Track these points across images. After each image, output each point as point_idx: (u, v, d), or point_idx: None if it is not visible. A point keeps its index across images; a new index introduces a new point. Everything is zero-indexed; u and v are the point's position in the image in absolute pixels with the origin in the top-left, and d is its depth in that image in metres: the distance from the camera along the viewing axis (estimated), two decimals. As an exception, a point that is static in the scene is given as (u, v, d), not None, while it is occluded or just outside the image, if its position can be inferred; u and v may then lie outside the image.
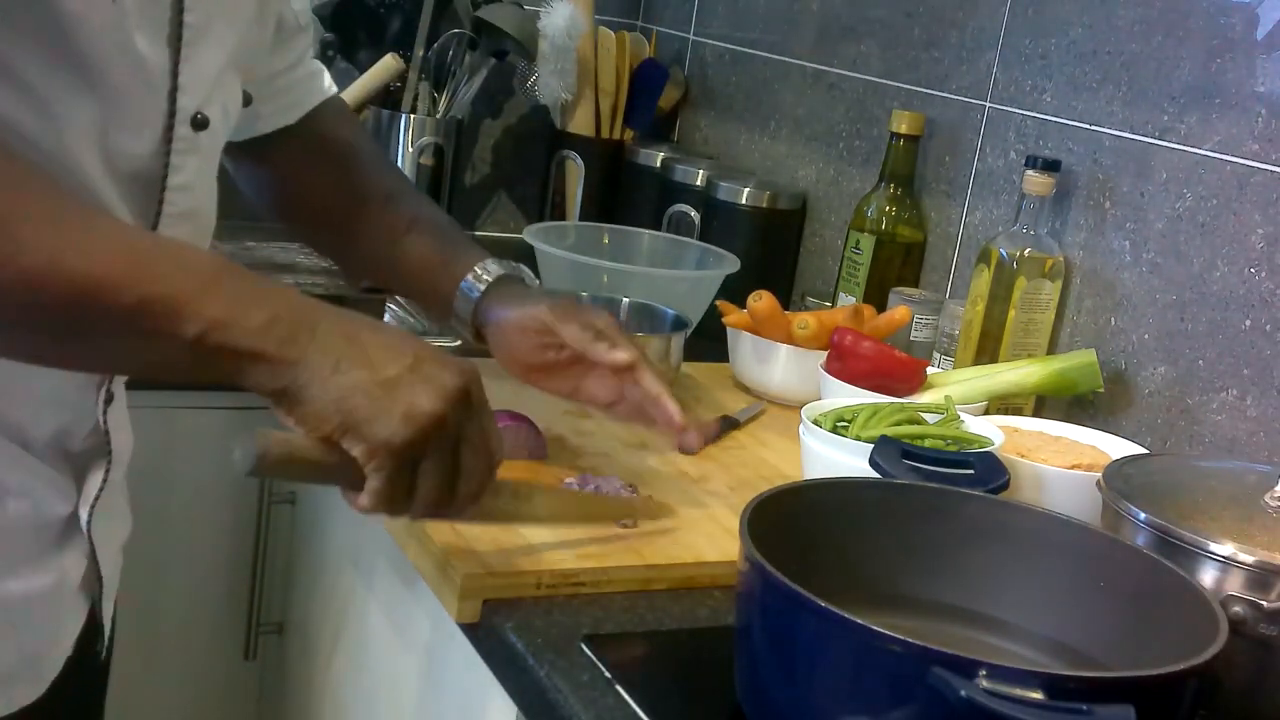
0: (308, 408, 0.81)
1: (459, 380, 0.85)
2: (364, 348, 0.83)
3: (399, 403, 0.82)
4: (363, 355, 0.82)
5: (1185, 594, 0.83)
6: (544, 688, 0.89)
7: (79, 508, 0.96)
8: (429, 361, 0.85)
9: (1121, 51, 1.41)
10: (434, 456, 0.84)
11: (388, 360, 0.83)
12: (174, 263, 0.79)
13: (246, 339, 0.79)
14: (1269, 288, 1.25)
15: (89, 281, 0.75)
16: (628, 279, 1.55)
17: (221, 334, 0.78)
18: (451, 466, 0.86)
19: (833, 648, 0.75)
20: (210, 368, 0.79)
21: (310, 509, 1.46)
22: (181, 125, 0.92)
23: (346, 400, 0.81)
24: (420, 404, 0.83)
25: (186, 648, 1.54)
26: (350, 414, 0.81)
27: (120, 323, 0.77)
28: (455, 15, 1.99)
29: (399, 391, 0.82)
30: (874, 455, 1.04)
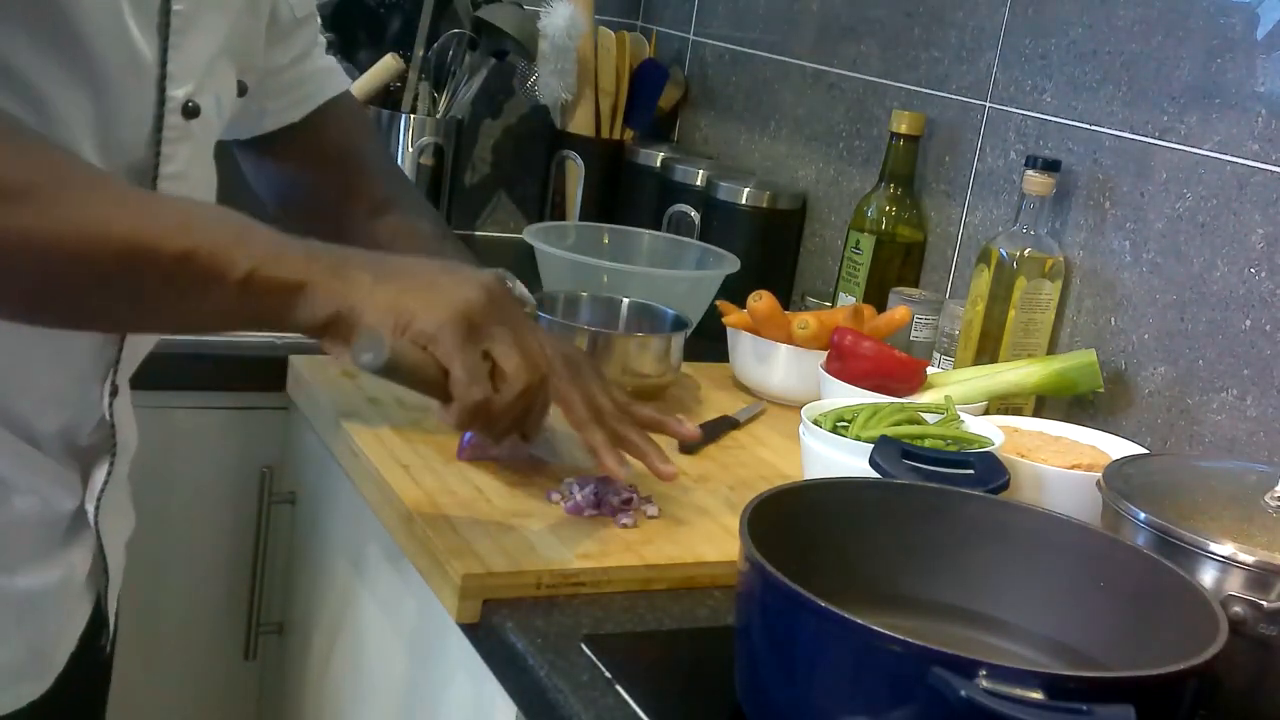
0: (367, 319, 0.85)
1: (484, 275, 0.91)
2: (399, 266, 0.89)
3: (442, 295, 0.88)
4: (396, 270, 0.88)
5: (1185, 594, 0.83)
6: (544, 688, 0.89)
7: (85, 502, 0.96)
8: (454, 269, 0.91)
9: (1121, 51, 1.41)
10: (496, 335, 0.89)
11: (419, 270, 0.89)
12: (209, 216, 0.84)
13: (292, 271, 0.83)
14: (1269, 288, 1.25)
15: (138, 238, 0.78)
16: (628, 279, 1.55)
17: (271, 268, 0.82)
18: (515, 343, 0.90)
19: (833, 648, 0.75)
20: (259, 306, 0.83)
21: (310, 509, 1.46)
22: (172, 114, 0.92)
23: (395, 305, 0.86)
24: (460, 292, 0.88)
25: (186, 648, 1.54)
26: (402, 315, 0.86)
27: (171, 274, 0.80)
28: (455, 15, 1.99)
29: (438, 288, 0.88)
30: (874, 455, 1.04)
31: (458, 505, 1.09)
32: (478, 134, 2.22)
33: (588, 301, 1.51)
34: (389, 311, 0.86)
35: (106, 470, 0.97)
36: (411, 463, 1.16)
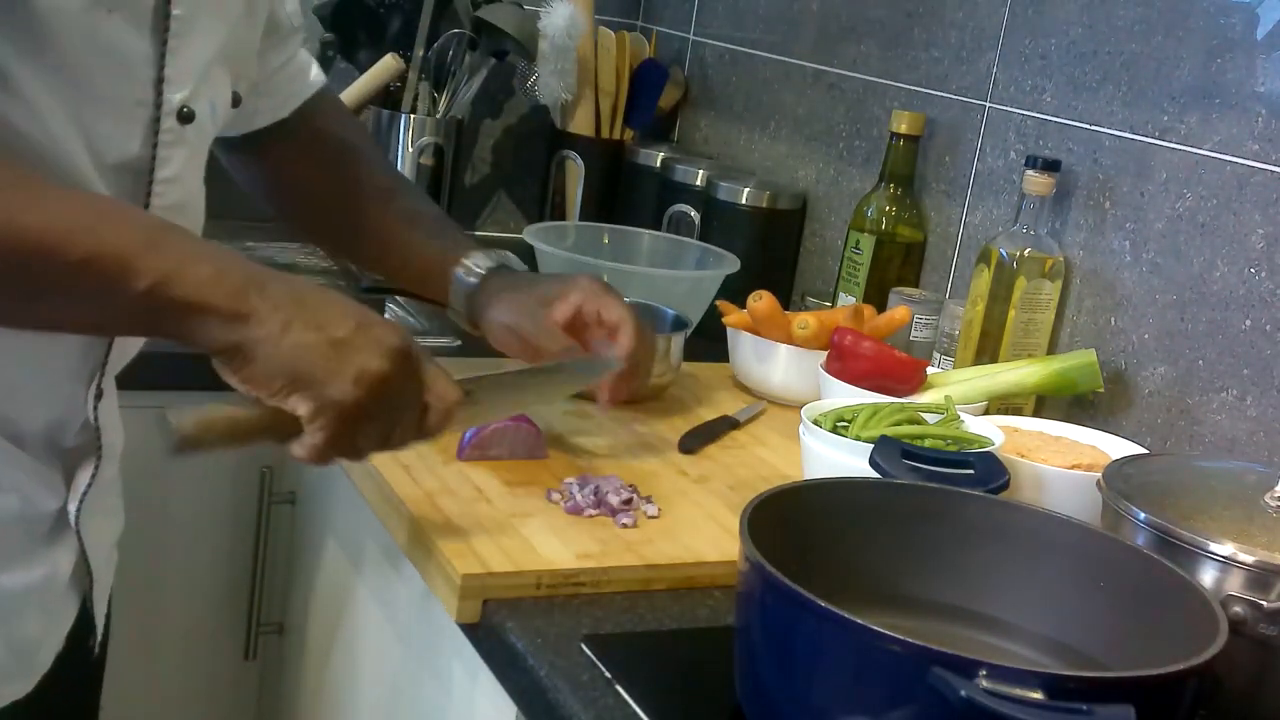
0: (258, 366, 0.84)
1: (401, 340, 0.89)
2: (312, 308, 0.86)
3: (350, 364, 0.86)
4: (312, 316, 0.85)
5: (1185, 594, 0.83)
6: (544, 688, 0.89)
7: (68, 503, 0.96)
8: (373, 324, 0.89)
9: (1121, 51, 1.41)
10: (378, 415, 0.89)
11: (336, 321, 0.86)
12: (122, 220, 0.82)
13: (196, 292, 0.81)
14: (1269, 288, 1.25)
15: (41, 238, 0.77)
16: (628, 279, 1.55)
17: (171, 287, 0.80)
18: (391, 423, 0.90)
19: (833, 648, 0.75)
20: (161, 322, 0.82)
21: (310, 509, 1.46)
22: (168, 118, 0.92)
23: (300, 360, 0.84)
24: (370, 366, 0.86)
25: (186, 648, 1.54)
26: (302, 374, 0.85)
27: (71, 278, 0.79)
28: (455, 15, 1.99)
29: (349, 353, 0.86)
30: (874, 455, 1.04)
31: (458, 505, 1.09)
32: (478, 134, 2.22)
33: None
34: (287, 368, 0.84)
35: (91, 473, 0.97)
36: (411, 463, 1.16)
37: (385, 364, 0.87)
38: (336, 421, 0.87)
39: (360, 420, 0.88)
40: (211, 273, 0.82)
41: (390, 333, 0.89)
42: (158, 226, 0.84)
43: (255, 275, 0.85)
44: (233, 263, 0.84)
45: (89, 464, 0.97)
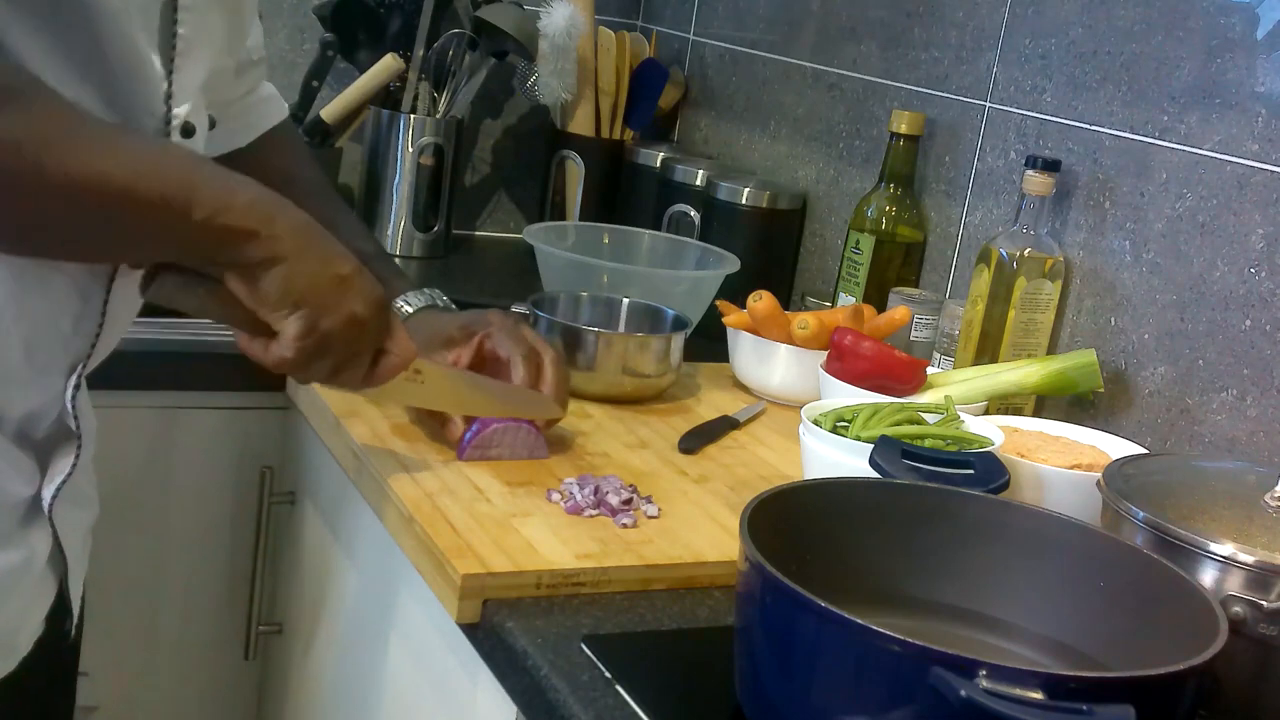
0: (272, 285, 0.93)
1: (383, 294, 1.01)
2: (322, 242, 0.96)
3: (345, 303, 0.96)
4: (320, 248, 0.95)
5: (1185, 594, 0.83)
6: (544, 688, 0.89)
7: (43, 491, 0.97)
8: (364, 272, 0.99)
9: (1121, 51, 1.41)
10: (342, 353, 0.98)
11: (339, 259, 0.97)
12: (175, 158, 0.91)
13: (241, 219, 0.90)
14: (1269, 288, 1.25)
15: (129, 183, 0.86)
16: (628, 279, 1.55)
17: (221, 215, 0.89)
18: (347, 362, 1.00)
19: (833, 648, 0.75)
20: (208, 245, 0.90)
21: (310, 509, 1.46)
22: (175, 131, 0.96)
23: (310, 288, 0.94)
24: (359, 309, 0.97)
25: (186, 648, 1.54)
26: (307, 299, 0.94)
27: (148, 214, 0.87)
28: (455, 15, 1.99)
29: (348, 292, 0.97)
30: (874, 455, 1.04)
31: (458, 505, 1.09)
32: (478, 134, 2.22)
33: (588, 301, 1.51)
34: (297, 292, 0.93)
35: (70, 462, 0.99)
36: (411, 463, 1.16)
37: (370, 311, 0.98)
38: (313, 347, 0.96)
39: (328, 352, 0.97)
40: (247, 201, 0.91)
41: (376, 283, 1.00)
42: (197, 159, 0.92)
43: (275, 201, 0.93)
44: (255, 188, 0.92)
45: (67, 454, 0.99)
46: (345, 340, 0.97)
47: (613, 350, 1.38)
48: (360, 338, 0.99)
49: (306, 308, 0.94)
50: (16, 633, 0.98)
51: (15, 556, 0.96)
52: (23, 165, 0.82)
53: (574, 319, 1.47)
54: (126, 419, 1.42)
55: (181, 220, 0.87)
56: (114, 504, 1.15)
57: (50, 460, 0.98)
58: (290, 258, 0.92)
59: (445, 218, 2.01)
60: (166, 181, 0.87)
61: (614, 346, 1.39)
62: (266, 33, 1.24)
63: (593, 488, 1.13)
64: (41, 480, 0.98)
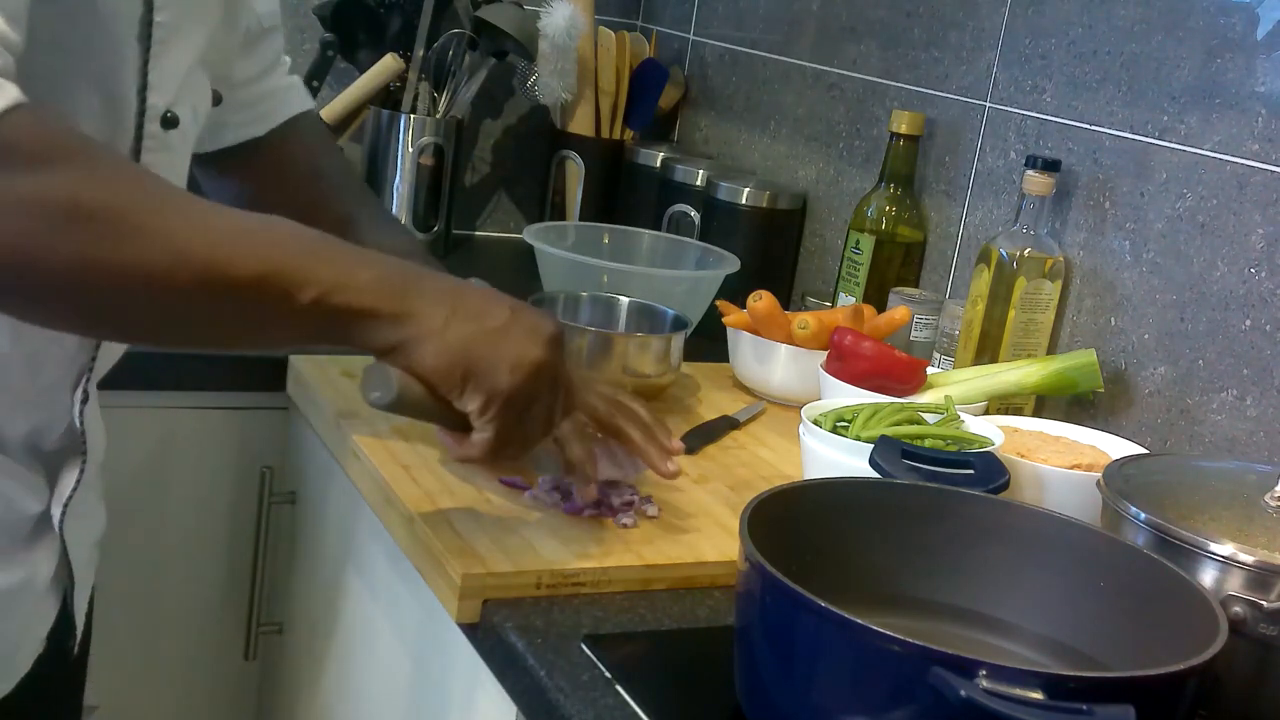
0: (428, 361, 0.87)
1: (554, 326, 0.93)
2: (467, 301, 0.89)
3: (509, 352, 0.89)
4: (468, 308, 0.88)
5: (1185, 594, 0.83)
6: (544, 688, 0.89)
7: (51, 506, 0.95)
8: (524, 310, 0.92)
9: (1121, 51, 1.41)
10: (542, 400, 0.92)
11: (491, 312, 0.90)
12: (279, 234, 0.83)
13: (359, 298, 0.83)
14: (1269, 288, 1.25)
15: (213, 262, 0.78)
16: (628, 279, 1.55)
17: (336, 296, 0.82)
18: (553, 407, 0.94)
19: (833, 648, 0.75)
20: (328, 331, 0.84)
21: (310, 509, 1.46)
22: (151, 123, 0.92)
23: (463, 351, 0.87)
24: (528, 352, 0.90)
25: (186, 648, 1.54)
26: (468, 365, 0.88)
27: (244, 298, 0.80)
28: (455, 15, 1.99)
29: (508, 341, 0.89)
30: (874, 455, 1.04)
31: (458, 505, 1.09)
32: (478, 134, 2.22)
33: (588, 301, 1.51)
34: (457, 359, 0.87)
35: (76, 476, 0.96)
36: (411, 463, 1.16)
37: (542, 350, 0.91)
38: (504, 411, 0.90)
39: (524, 408, 0.91)
40: (372, 277, 0.84)
41: (543, 319, 0.93)
42: (313, 237, 0.85)
43: (413, 275, 0.88)
44: (389, 266, 0.87)
45: (74, 467, 0.97)
46: (533, 388, 0.90)
47: (613, 350, 1.38)
48: (547, 379, 0.92)
49: (472, 374, 0.88)
50: (15, 651, 0.96)
51: (17, 575, 0.94)
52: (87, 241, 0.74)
53: (574, 319, 1.47)
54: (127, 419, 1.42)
55: (284, 302, 0.81)
56: (114, 504, 1.15)
57: (59, 475, 0.97)
58: (434, 330, 0.86)
59: (445, 218, 2.01)
60: (267, 259, 0.80)
61: (614, 346, 1.38)
62: (266, 33, 1.23)
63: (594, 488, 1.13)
64: (51, 496, 0.96)
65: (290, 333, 0.85)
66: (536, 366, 0.90)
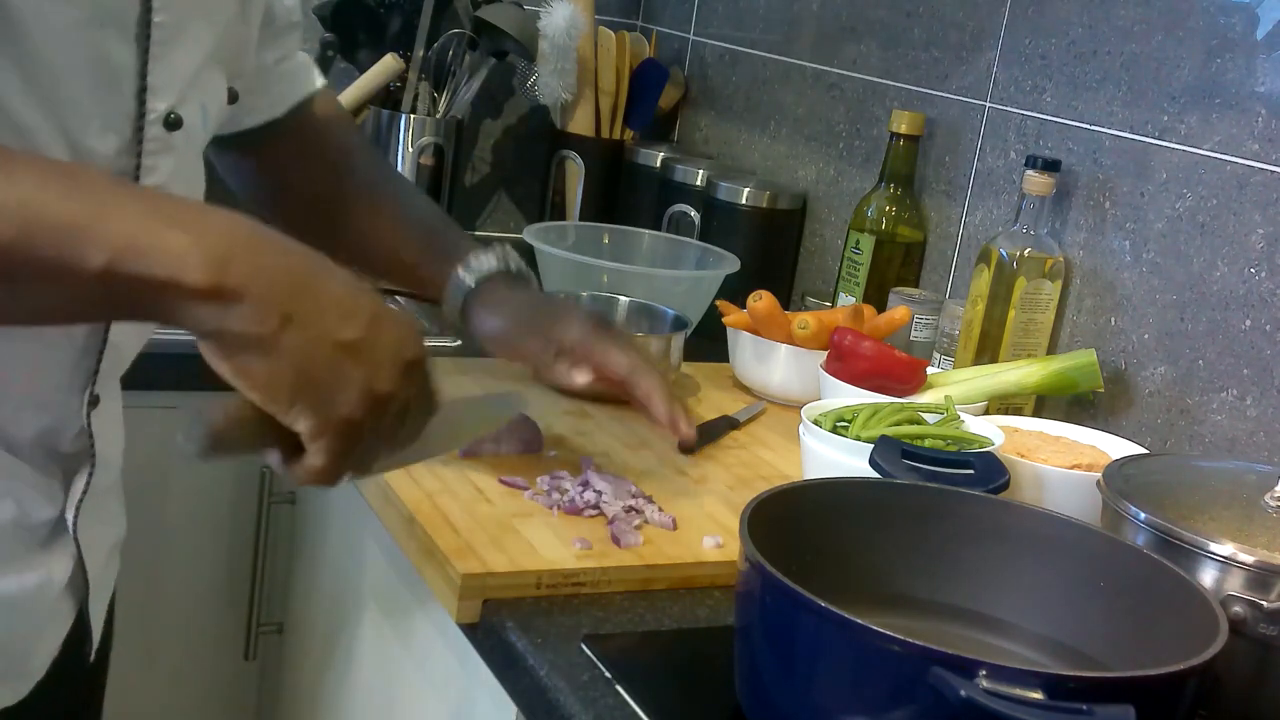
0: (256, 365, 0.72)
1: (415, 347, 0.78)
2: (318, 298, 0.73)
3: (356, 376, 0.74)
4: (317, 308, 0.73)
5: (1185, 594, 0.83)
6: (544, 688, 0.89)
7: (65, 510, 0.95)
8: (386, 321, 0.76)
9: (1121, 51, 1.41)
10: (382, 429, 0.77)
11: (345, 318, 0.74)
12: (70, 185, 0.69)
13: (165, 266, 0.67)
14: (1269, 288, 1.25)
15: None
16: (628, 279, 1.55)
17: (133, 261, 0.67)
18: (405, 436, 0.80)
19: (833, 648, 0.75)
20: (127, 306, 0.70)
21: (310, 509, 1.46)
22: (152, 126, 0.89)
23: (304, 365, 0.72)
24: (380, 381, 0.75)
25: (186, 648, 1.54)
26: (308, 383, 0.72)
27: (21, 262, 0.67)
28: (455, 15, 1.99)
29: (357, 362, 0.74)
30: (874, 455, 1.04)
31: (458, 505, 1.09)
32: (478, 134, 2.22)
33: (587, 301, 1.51)
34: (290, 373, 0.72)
35: (86, 480, 0.96)
36: (411, 463, 1.16)
37: (396, 377, 0.76)
38: (340, 442, 0.75)
39: (367, 436, 0.77)
40: (185, 243, 0.68)
41: (407, 336, 0.78)
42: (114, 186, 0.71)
43: (247, 243, 0.71)
44: (215, 226, 0.71)
45: (84, 471, 0.96)
46: (381, 419, 0.76)
47: (613, 350, 1.38)
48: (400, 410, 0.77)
49: (307, 394, 0.73)
50: (29, 657, 0.95)
51: (31, 579, 0.93)
52: None
53: (574, 319, 1.47)
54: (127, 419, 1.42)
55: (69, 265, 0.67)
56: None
57: (73, 478, 0.96)
58: (269, 323, 0.71)
59: (445, 218, 2.01)
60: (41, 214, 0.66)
61: (614, 346, 1.38)
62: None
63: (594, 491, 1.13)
64: (65, 499, 0.95)
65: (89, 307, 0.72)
66: (385, 398, 0.75)
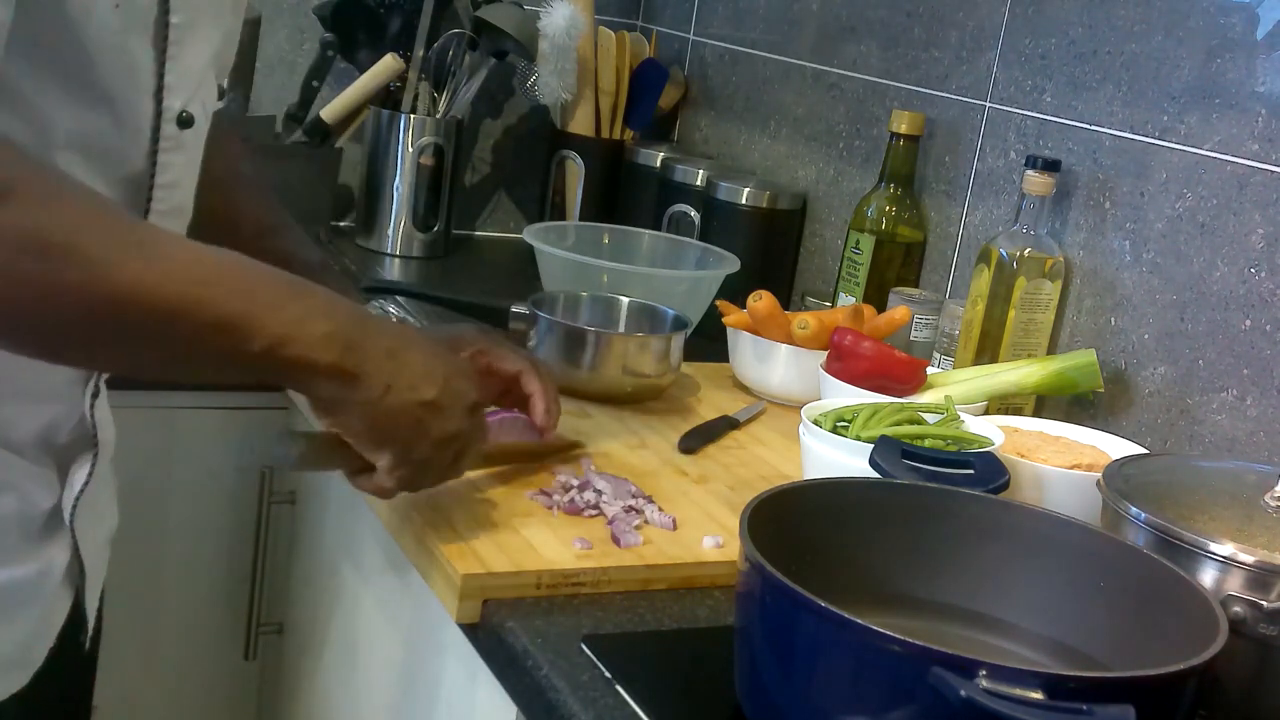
0: (355, 419, 0.91)
1: (475, 394, 0.98)
2: (408, 368, 0.92)
3: (434, 428, 0.94)
4: (407, 377, 0.92)
5: (1185, 594, 0.83)
6: (544, 688, 0.89)
7: (63, 501, 0.96)
8: (454, 378, 0.96)
9: (1121, 51, 1.41)
10: (446, 463, 0.98)
11: (426, 383, 0.93)
12: (244, 279, 0.85)
13: (309, 352, 0.86)
14: (1269, 288, 1.25)
15: (168, 303, 0.79)
16: (628, 279, 1.55)
17: (289, 347, 0.84)
18: (458, 467, 1.00)
19: (833, 648, 0.75)
20: (276, 377, 0.87)
21: (310, 509, 1.46)
22: (168, 124, 0.92)
23: (394, 421, 0.92)
24: (449, 427, 0.95)
25: (186, 648, 1.54)
26: (395, 433, 0.92)
27: (196, 339, 0.82)
28: (455, 15, 1.99)
29: (433, 416, 0.94)
30: (874, 455, 1.04)
31: (458, 505, 1.09)
32: (478, 134, 2.22)
33: (588, 301, 1.51)
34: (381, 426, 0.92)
35: (88, 470, 0.97)
36: (411, 463, 1.16)
37: (462, 422, 0.96)
38: (412, 471, 0.96)
39: (431, 468, 0.97)
40: (323, 334, 0.86)
41: (468, 386, 0.98)
42: (273, 283, 0.86)
43: (362, 330, 0.89)
44: (343, 318, 0.88)
45: (85, 462, 0.97)
46: (441, 461, 0.97)
47: (613, 350, 1.38)
48: (461, 447, 0.98)
49: (393, 443, 0.93)
50: (31, 646, 0.97)
51: (33, 569, 0.95)
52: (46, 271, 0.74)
53: (574, 319, 1.47)
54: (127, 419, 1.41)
55: (237, 348, 0.83)
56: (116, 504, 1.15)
57: (70, 470, 0.97)
58: (373, 398, 0.90)
59: (445, 218, 2.01)
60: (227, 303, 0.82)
61: (614, 347, 1.38)
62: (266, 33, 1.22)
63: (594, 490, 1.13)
64: (62, 491, 0.97)
65: (241, 375, 0.86)
66: (452, 437, 0.96)
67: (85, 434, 0.97)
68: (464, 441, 0.98)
